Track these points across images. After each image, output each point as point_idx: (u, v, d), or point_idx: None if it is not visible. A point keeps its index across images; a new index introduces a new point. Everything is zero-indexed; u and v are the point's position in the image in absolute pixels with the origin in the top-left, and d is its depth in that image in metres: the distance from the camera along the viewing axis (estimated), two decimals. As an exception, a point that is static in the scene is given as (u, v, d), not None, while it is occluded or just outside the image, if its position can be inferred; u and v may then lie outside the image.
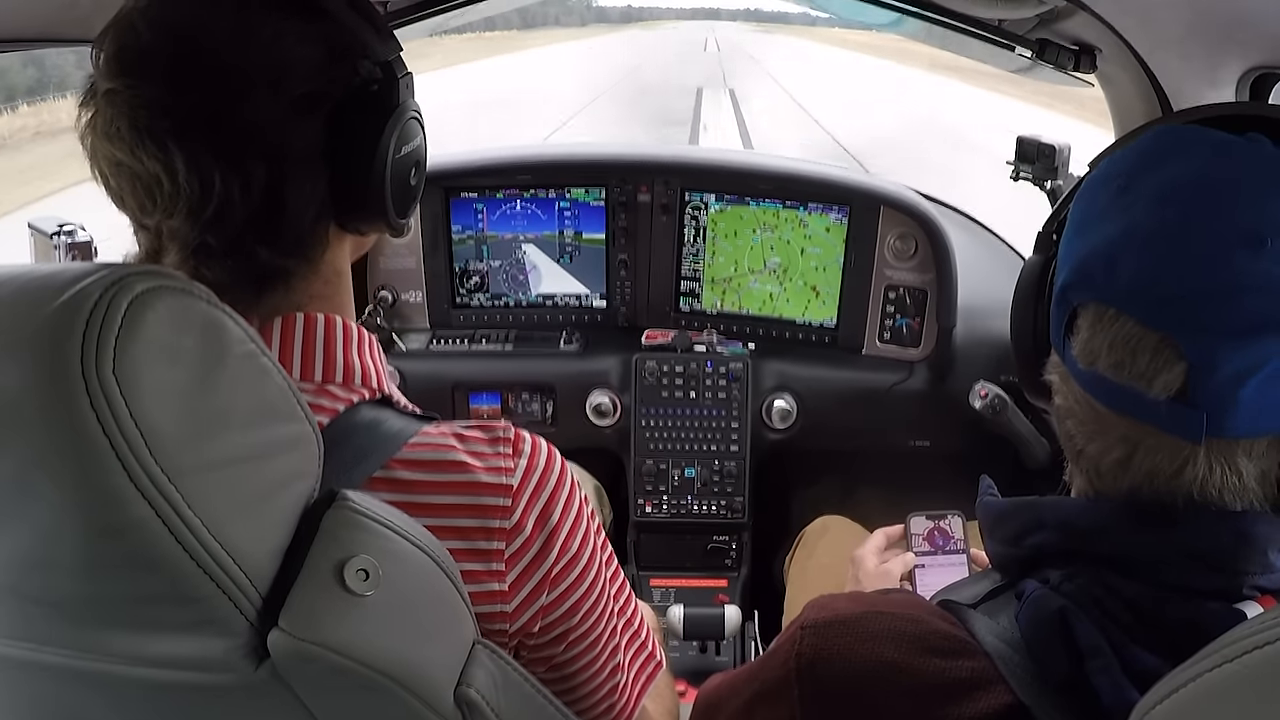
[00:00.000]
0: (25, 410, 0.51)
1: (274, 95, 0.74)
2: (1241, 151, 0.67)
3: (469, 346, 2.08)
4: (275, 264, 0.79)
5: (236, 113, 0.73)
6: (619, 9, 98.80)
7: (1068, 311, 0.72)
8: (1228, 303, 0.62)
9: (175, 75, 0.72)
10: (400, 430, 0.80)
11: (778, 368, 2.04)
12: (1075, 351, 0.71)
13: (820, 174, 2.09)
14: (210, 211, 0.74)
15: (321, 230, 0.82)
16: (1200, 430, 0.64)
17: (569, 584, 0.84)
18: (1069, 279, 0.72)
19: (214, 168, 0.72)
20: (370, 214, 0.83)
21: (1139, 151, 0.72)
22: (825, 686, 0.72)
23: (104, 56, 0.74)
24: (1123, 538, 0.69)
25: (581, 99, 20.98)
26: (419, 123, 0.88)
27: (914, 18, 1.69)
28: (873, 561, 1.35)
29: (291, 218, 0.78)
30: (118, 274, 0.54)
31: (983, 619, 0.72)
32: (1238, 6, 1.22)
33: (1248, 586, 0.67)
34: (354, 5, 0.80)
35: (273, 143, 0.75)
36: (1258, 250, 0.62)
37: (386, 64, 0.82)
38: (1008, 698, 0.67)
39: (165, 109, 0.72)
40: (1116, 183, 0.71)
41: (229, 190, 0.73)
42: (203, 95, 0.72)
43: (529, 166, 2.11)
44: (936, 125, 17.33)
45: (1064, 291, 0.72)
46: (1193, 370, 0.64)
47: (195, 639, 0.59)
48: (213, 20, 0.74)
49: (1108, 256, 0.68)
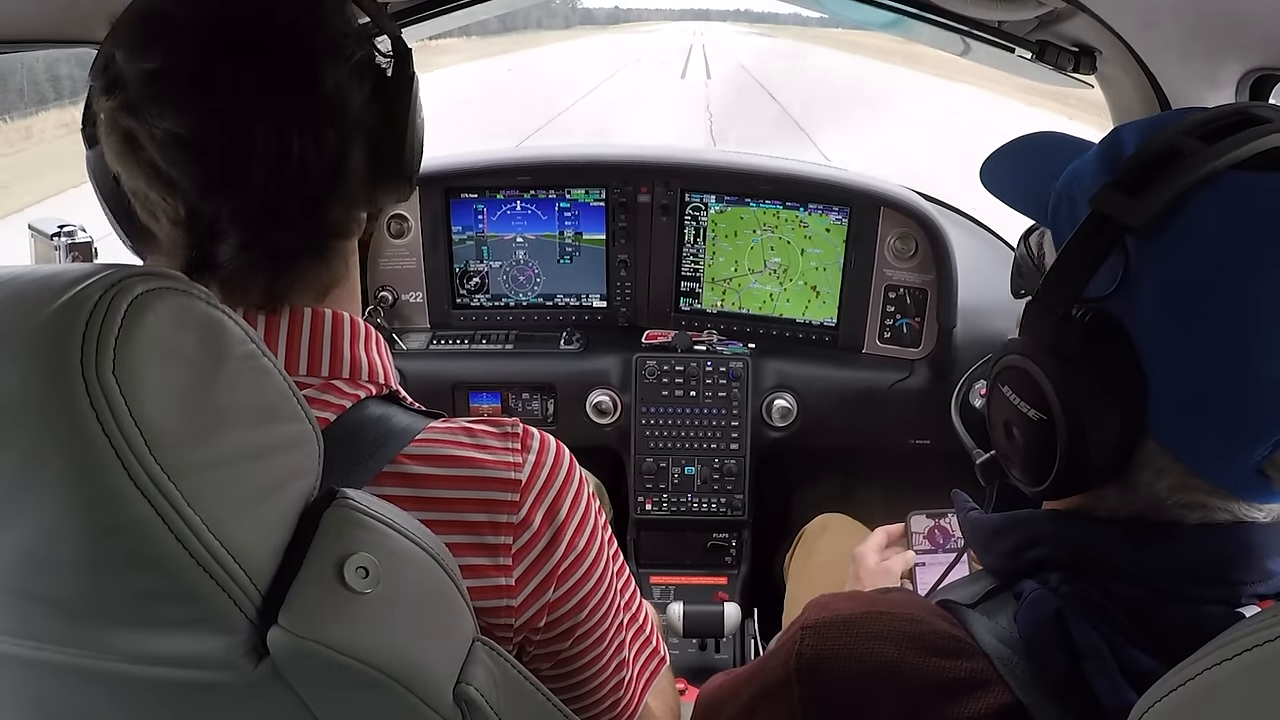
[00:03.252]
0: (26, 410, 0.52)
1: (335, 62, 0.77)
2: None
3: (469, 346, 2.09)
4: (344, 220, 0.82)
5: (309, 80, 0.75)
6: (605, 10, 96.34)
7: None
8: None
9: (234, 46, 0.73)
10: (408, 425, 0.80)
11: (778, 367, 2.04)
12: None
13: (820, 175, 2.09)
14: (290, 175, 0.75)
15: (362, 195, 0.84)
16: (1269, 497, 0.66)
17: (576, 579, 0.84)
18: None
19: (292, 133, 0.74)
20: (398, 177, 0.85)
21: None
22: (826, 686, 0.72)
23: (132, 42, 0.73)
24: (1123, 553, 0.70)
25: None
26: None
27: (913, 19, 1.69)
28: (874, 559, 1.35)
29: (355, 178, 0.80)
30: (118, 275, 0.54)
31: (981, 619, 0.72)
32: (1238, 8, 1.22)
33: (1246, 596, 0.67)
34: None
35: (338, 107, 0.77)
36: None
37: (397, 37, 0.85)
38: (1007, 698, 0.67)
39: (237, 81, 0.73)
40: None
41: (305, 153, 0.75)
42: (271, 64, 0.74)
43: (529, 167, 2.11)
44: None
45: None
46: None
47: (195, 637, 0.60)
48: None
49: None
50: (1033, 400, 0.69)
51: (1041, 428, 0.68)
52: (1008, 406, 0.72)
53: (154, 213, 0.78)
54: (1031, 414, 0.69)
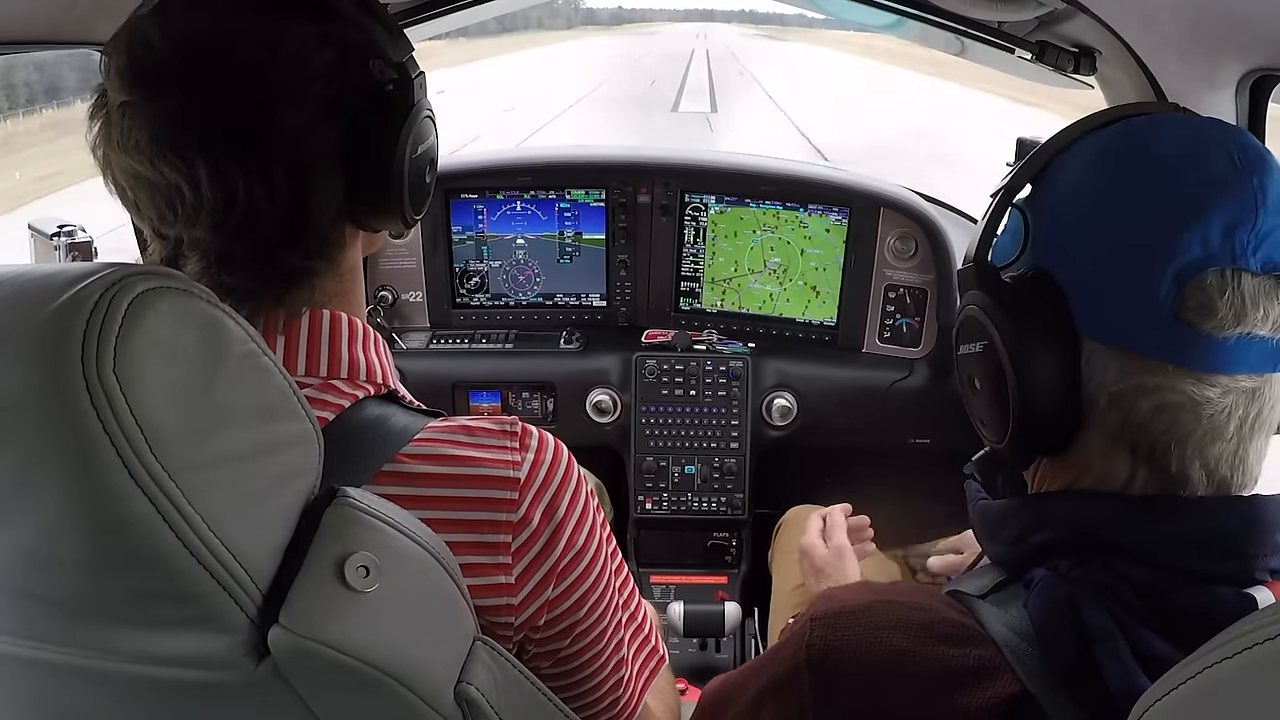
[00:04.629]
0: (27, 409, 0.52)
1: (299, 103, 0.74)
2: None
3: (469, 346, 2.09)
4: (300, 266, 0.79)
5: (262, 122, 0.73)
6: (609, 10, 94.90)
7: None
8: None
9: (196, 86, 0.72)
10: (407, 425, 0.80)
11: (778, 366, 2.05)
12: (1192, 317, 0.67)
13: (820, 175, 2.10)
14: (235, 220, 0.74)
15: (339, 230, 0.83)
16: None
17: (575, 577, 0.84)
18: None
19: (238, 177, 0.72)
20: (387, 212, 0.84)
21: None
22: (836, 677, 0.73)
23: (115, 67, 0.73)
24: (1131, 528, 0.70)
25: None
26: (432, 121, 0.88)
27: (913, 20, 1.69)
28: (821, 546, 1.39)
29: (315, 222, 0.78)
30: (118, 274, 0.54)
31: (992, 609, 0.72)
32: (1238, 9, 1.22)
33: (1259, 570, 0.67)
34: (366, 6, 0.81)
35: (297, 150, 0.75)
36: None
37: (400, 64, 0.83)
38: (1014, 687, 0.67)
39: (184, 121, 0.71)
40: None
41: (254, 199, 0.73)
42: (226, 106, 0.72)
43: (529, 168, 2.11)
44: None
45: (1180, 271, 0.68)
46: None
47: (196, 636, 0.60)
48: (232, 29, 0.73)
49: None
50: (978, 336, 0.76)
51: (990, 355, 0.75)
52: (965, 359, 0.80)
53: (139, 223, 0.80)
54: (979, 348, 0.77)
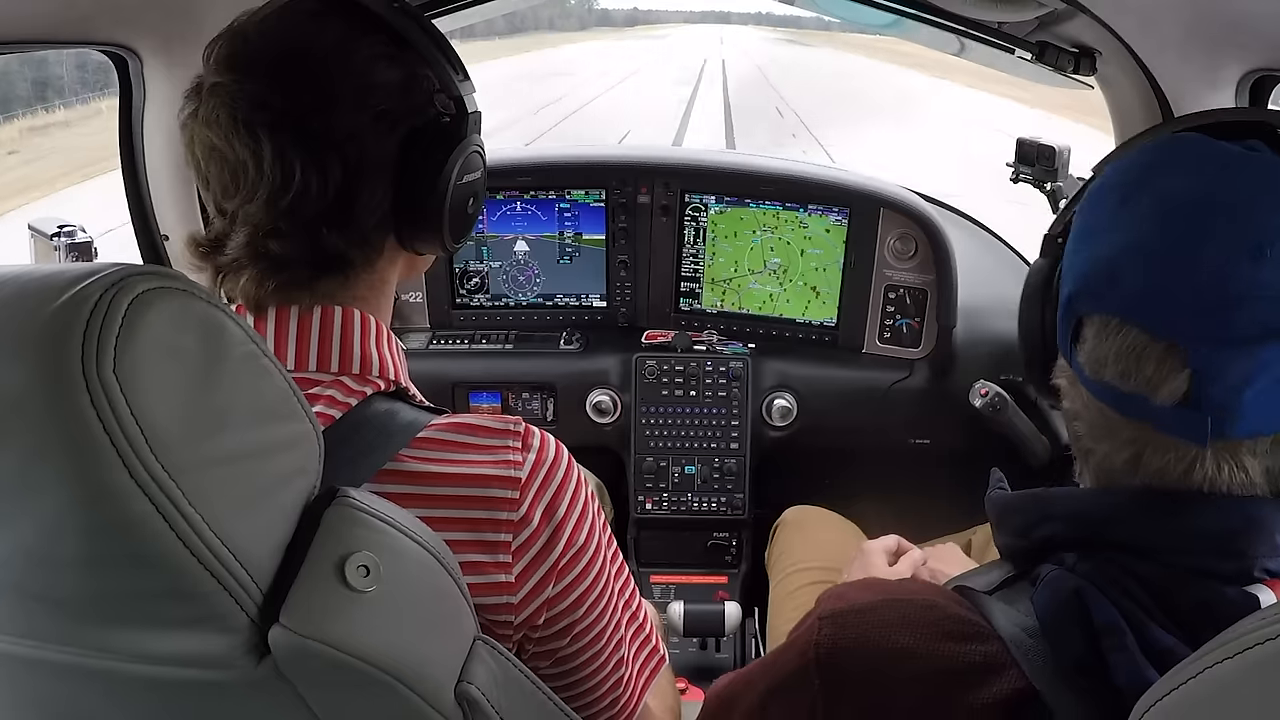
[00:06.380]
0: (27, 409, 0.52)
1: (357, 108, 0.82)
2: (1241, 163, 0.68)
3: (469, 346, 2.09)
4: (338, 250, 0.85)
5: (324, 116, 0.81)
6: (624, 11, 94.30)
7: (1074, 321, 0.74)
8: (1231, 312, 0.64)
9: (275, 77, 0.80)
10: (412, 422, 0.81)
11: (778, 366, 2.04)
12: (1082, 359, 0.73)
13: (820, 176, 2.09)
14: (288, 200, 0.81)
15: (380, 237, 0.89)
16: (1205, 434, 0.66)
17: (574, 576, 0.85)
18: (1074, 289, 0.73)
19: (297, 161, 0.80)
20: (427, 232, 0.91)
21: (1141, 163, 0.73)
22: (845, 675, 0.73)
23: (215, 55, 0.83)
24: (1135, 524, 0.70)
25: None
26: (480, 156, 0.96)
27: (913, 20, 1.69)
28: (881, 561, 1.35)
29: (359, 215, 0.85)
30: (119, 274, 0.54)
31: (999, 605, 0.73)
32: (1238, 9, 1.22)
33: (1258, 569, 0.68)
34: (439, 45, 0.89)
35: (351, 148, 0.82)
36: (1257, 260, 0.63)
37: (459, 99, 0.91)
38: (1020, 683, 0.67)
39: (262, 104, 0.79)
40: (1118, 194, 0.72)
41: (308, 182, 0.81)
42: (297, 97, 0.80)
43: (529, 168, 2.11)
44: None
45: (1070, 302, 0.74)
46: (1197, 377, 0.65)
47: (196, 635, 0.60)
48: (317, 36, 0.83)
49: (1111, 269, 0.70)
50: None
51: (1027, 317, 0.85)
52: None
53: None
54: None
